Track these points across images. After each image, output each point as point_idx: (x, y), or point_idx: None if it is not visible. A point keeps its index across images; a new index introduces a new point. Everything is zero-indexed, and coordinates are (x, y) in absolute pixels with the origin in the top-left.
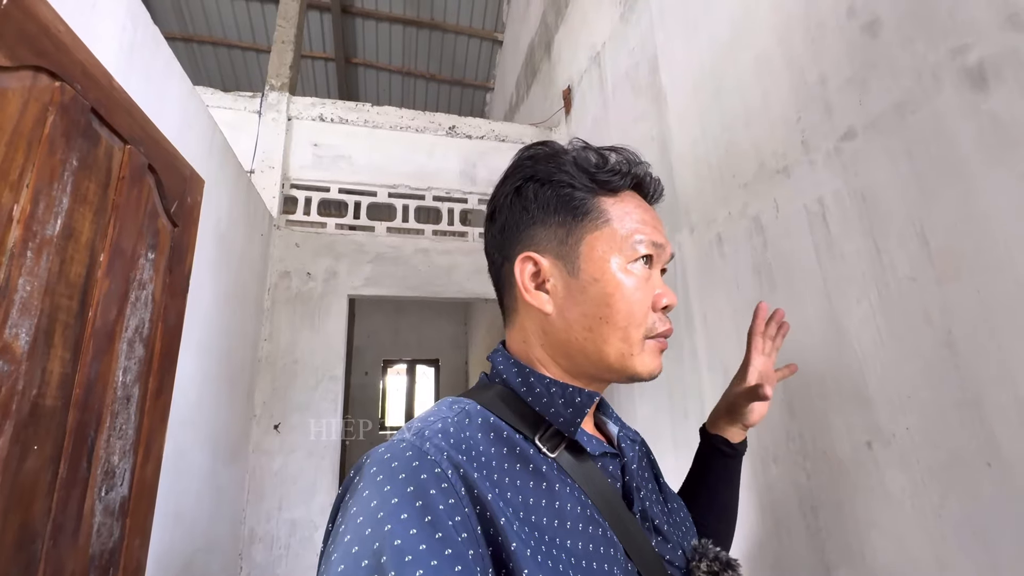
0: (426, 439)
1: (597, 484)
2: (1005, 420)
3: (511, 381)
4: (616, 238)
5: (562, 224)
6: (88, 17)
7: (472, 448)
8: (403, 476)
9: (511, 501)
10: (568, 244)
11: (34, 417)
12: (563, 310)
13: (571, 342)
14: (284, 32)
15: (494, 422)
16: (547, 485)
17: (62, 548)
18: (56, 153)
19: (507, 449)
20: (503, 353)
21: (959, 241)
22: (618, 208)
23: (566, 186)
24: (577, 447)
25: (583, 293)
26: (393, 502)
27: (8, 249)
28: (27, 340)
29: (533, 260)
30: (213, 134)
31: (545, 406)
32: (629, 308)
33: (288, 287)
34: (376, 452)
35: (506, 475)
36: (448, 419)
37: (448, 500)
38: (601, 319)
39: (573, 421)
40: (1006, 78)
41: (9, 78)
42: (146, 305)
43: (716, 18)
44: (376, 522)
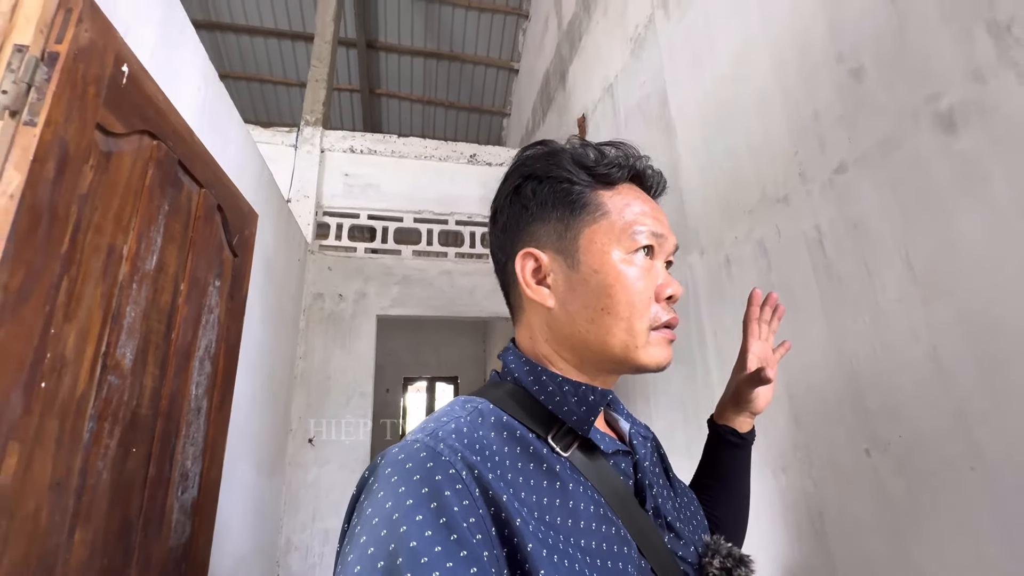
0: (440, 440)
1: (610, 482)
2: (986, 428)
3: (523, 379)
4: (615, 229)
5: (560, 219)
6: (175, 83)
7: (486, 448)
8: (417, 477)
9: (525, 501)
10: (567, 238)
11: (133, 424)
12: (565, 303)
13: (575, 335)
14: (317, 71)
15: (507, 421)
16: (560, 484)
17: (151, 540)
18: (153, 200)
19: (520, 448)
20: (514, 351)
21: (939, 265)
22: (616, 200)
23: (563, 181)
24: (590, 445)
25: (584, 285)
26: (408, 503)
27: (119, 282)
28: (131, 358)
29: (534, 256)
30: (262, 170)
31: (558, 404)
32: (630, 298)
33: (321, 308)
34: (390, 453)
35: (520, 475)
36: (461, 419)
37: (463, 501)
38: (603, 310)
39: (587, 419)
40: (972, 123)
41: (124, 142)
42: (213, 327)
43: (718, 58)
44: (391, 523)
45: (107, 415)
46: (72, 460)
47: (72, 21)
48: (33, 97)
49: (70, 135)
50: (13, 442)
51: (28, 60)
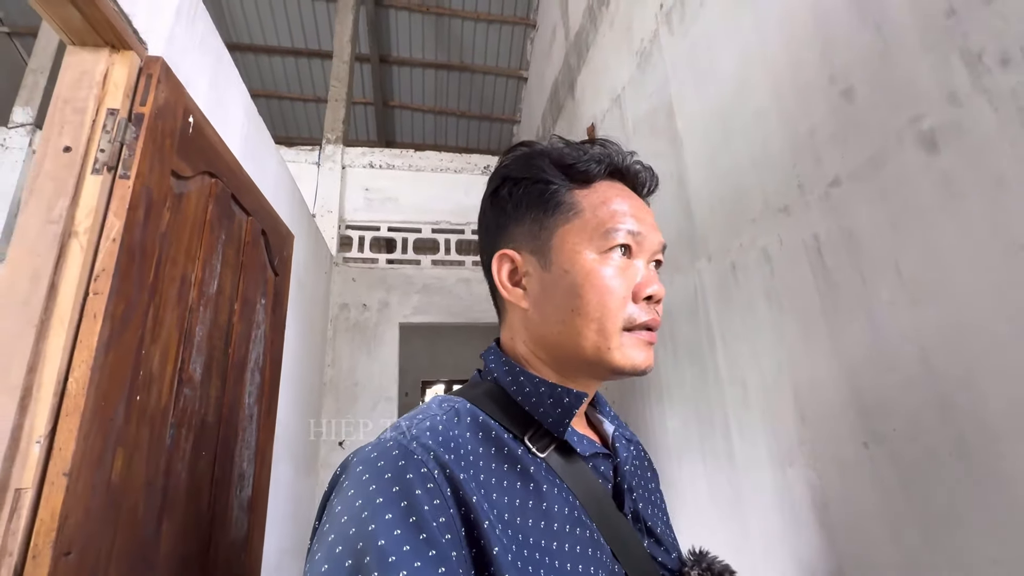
0: (413, 437)
1: (587, 485)
2: (970, 422)
3: (501, 379)
4: (587, 229)
5: (535, 220)
6: (224, 122)
7: (460, 447)
8: (389, 475)
9: (496, 503)
10: (541, 239)
11: (202, 430)
12: (539, 304)
13: (548, 336)
14: (336, 91)
15: (483, 421)
16: (535, 486)
17: (218, 532)
18: (214, 232)
19: (495, 449)
20: (495, 351)
21: (925, 272)
22: (591, 198)
23: (539, 181)
24: (567, 447)
25: (555, 286)
26: (378, 501)
27: (190, 306)
28: (200, 372)
29: (509, 257)
30: (294, 192)
31: (534, 406)
32: (600, 298)
33: (347, 318)
34: (363, 451)
35: (493, 476)
36: (437, 417)
37: (433, 501)
38: (573, 311)
39: (561, 422)
40: (951, 143)
41: (191, 183)
42: (260, 341)
43: (720, 74)
44: (360, 521)
45: (183, 423)
46: (159, 462)
47: (152, 85)
48: (125, 153)
49: (153, 183)
50: (119, 447)
51: (120, 122)
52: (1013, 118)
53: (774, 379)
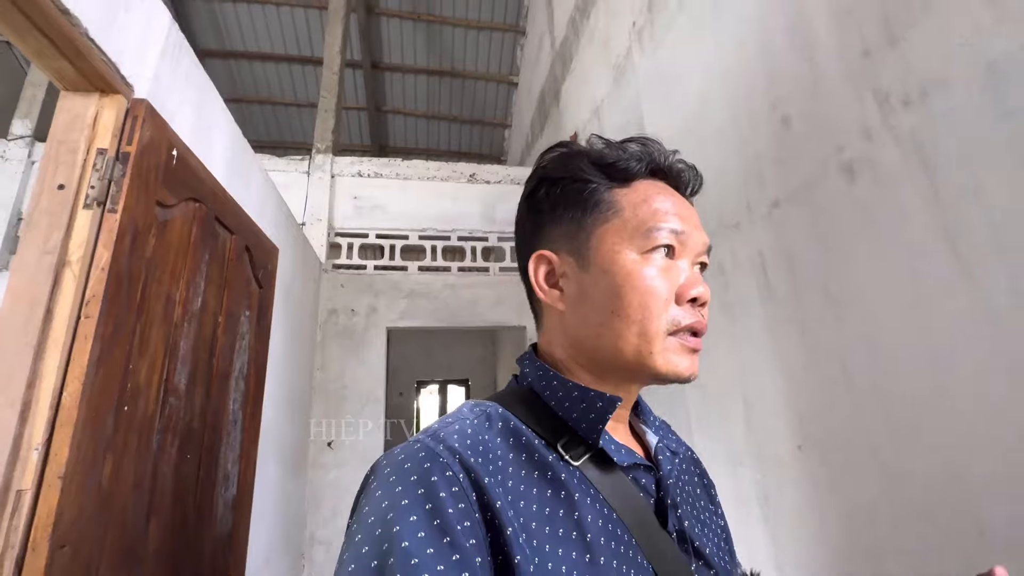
0: (440, 440)
1: (625, 497)
2: (881, 428)
3: (535, 384)
4: (628, 228)
5: (573, 220)
6: (209, 148)
7: (489, 452)
8: (415, 478)
9: (523, 510)
10: (580, 239)
11: (188, 435)
12: (576, 306)
13: (587, 339)
14: (326, 102)
15: (514, 426)
16: (566, 494)
17: (203, 529)
18: (198, 252)
19: (525, 456)
20: (530, 356)
21: (846, 291)
22: (631, 197)
23: (576, 181)
24: (604, 456)
25: (594, 287)
26: (403, 503)
27: (175, 322)
28: (185, 383)
29: (546, 258)
30: (280, 206)
31: (567, 411)
32: (642, 300)
33: (336, 323)
34: (391, 453)
35: (521, 483)
36: (467, 421)
37: (458, 504)
38: (612, 312)
39: (595, 427)
40: (865, 174)
41: (175, 210)
42: (245, 351)
43: (685, 93)
44: (386, 522)
45: (169, 429)
46: (146, 465)
47: (138, 126)
48: (113, 189)
49: (139, 214)
50: (109, 453)
51: (108, 160)
52: (912, 156)
53: (728, 385)
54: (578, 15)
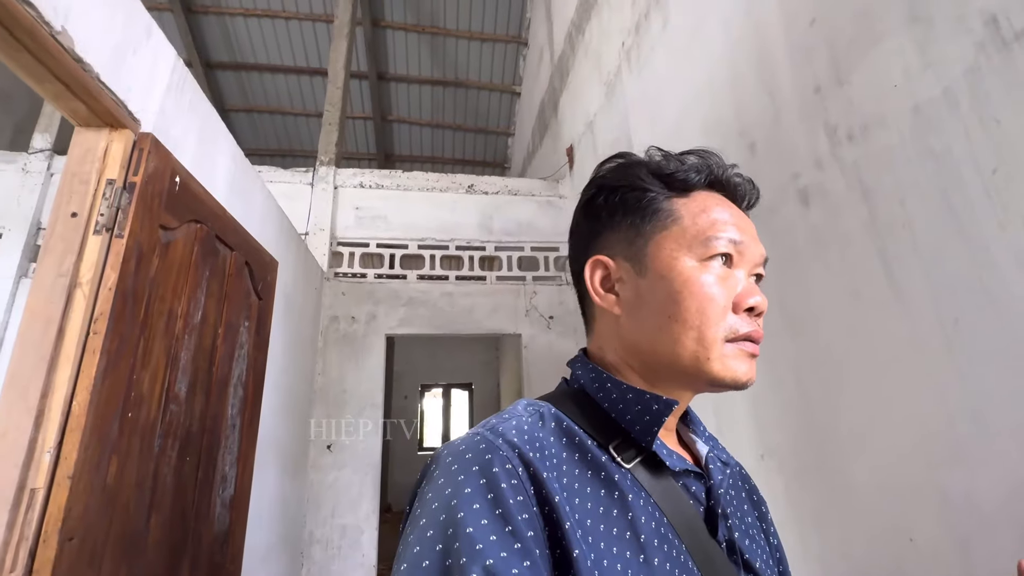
0: (499, 434)
1: (676, 502)
2: (830, 439)
3: (588, 386)
4: (687, 236)
5: (632, 226)
6: (212, 171)
7: (544, 448)
8: (476, 468)
9: (578, 507)
10: (637, 245)
11: (187, 439)
12: (633, 311)
13: (642, 343)
14: (330, 115)
15: (567, 426)
16: (619, 495)
17: (201, 527)
18: (199, 269)
19: (579, 455)
20: (582, 359)
21: (801, 309)
22: (690, 207)
23: (635, 189)
24: (655, 460)
25: (652, 292)
26: (466, 491)
27: (176, 335)
28: (185, 391)
29: (603, 263)
30: (282, 221)
31: (621, 412)
32: (700, 306)
33: (337, 329)
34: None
35: (576, 480)
36: (523, 418)
37: (517, 496)
38: (670, 317)
39: (650, 430)
40: (817, 201)
41: (178, 232)
42: (243, 360)
43: (665, 114)
44: (450, 508)
45: (169, 433)
46: (147, 467)
47: (144, 158)
48: (120, 216)
49: (143, 238)
50: (113, 455)
51: (116, 190)
52: (854, 186)
53: (700, 397)
54: (574, 31)
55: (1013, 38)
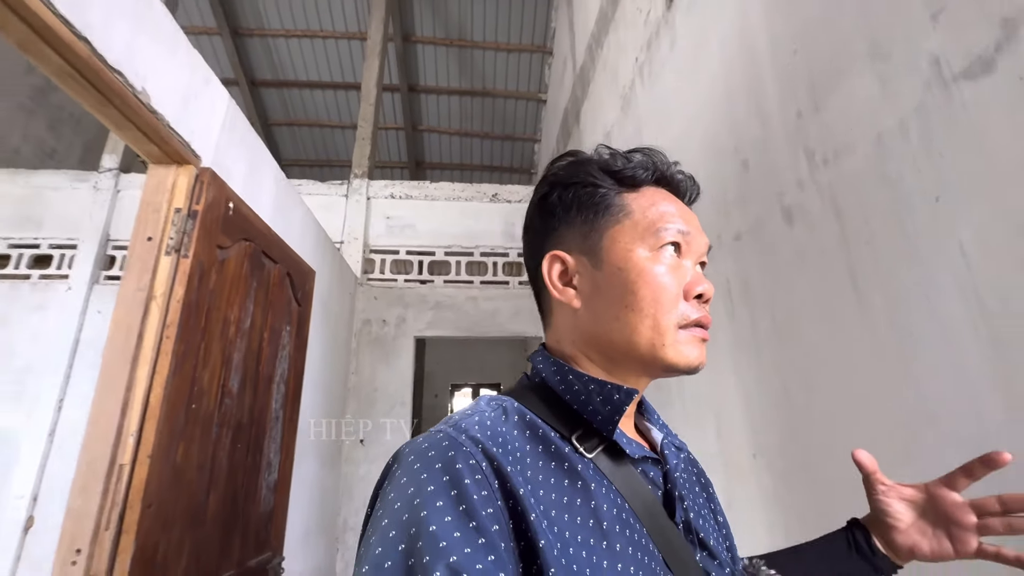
0: (462, 431)
1: (636, 488)
2: (813, 441)
3: (549, 379)
4: (638, 229)
5: (585, 221)
6: (258, 193)
7: (507, 443)
8: (439, 465)
9: (543, 499)
10: (592, 239)
11: (239, 430)
12: (591, 303)
13: (600, 335)
14: (363, 131)
15: (530, 419)
16: (582, 484)
17: (250, 506)
18: (248, 282)
19: (542, 447)
20: (542, 353)
21: (787, 318)
22: (640, 201)
23: (587, 185)
24: (616, 449)
25: (608, 284)
26: (429, 489)
27: (230, 338)
28: (237, 386)
29: (560, 258)
30: (318, 234)
31: (583, 403)
32: (654, 294)
33: (369, 332)
34: (415, 442)
35: (540, 472)
36: (486, 413)
37: (481, 491)
38: (627, 307)
39: (611, 419)
40: (799, 219)
41: (231, 250)
42: (285, 360)
43: (673, 128)
44: (412, 508)
45: (224, 423)
46: (207, 451)
47: (204, 189)
48: (185, 240)
49: (204, 257)
50: (181, 440)
51: (182, 217)
52: (829, 206)
53: (704, 398)
54: (594, 43)
55: (951, 79)
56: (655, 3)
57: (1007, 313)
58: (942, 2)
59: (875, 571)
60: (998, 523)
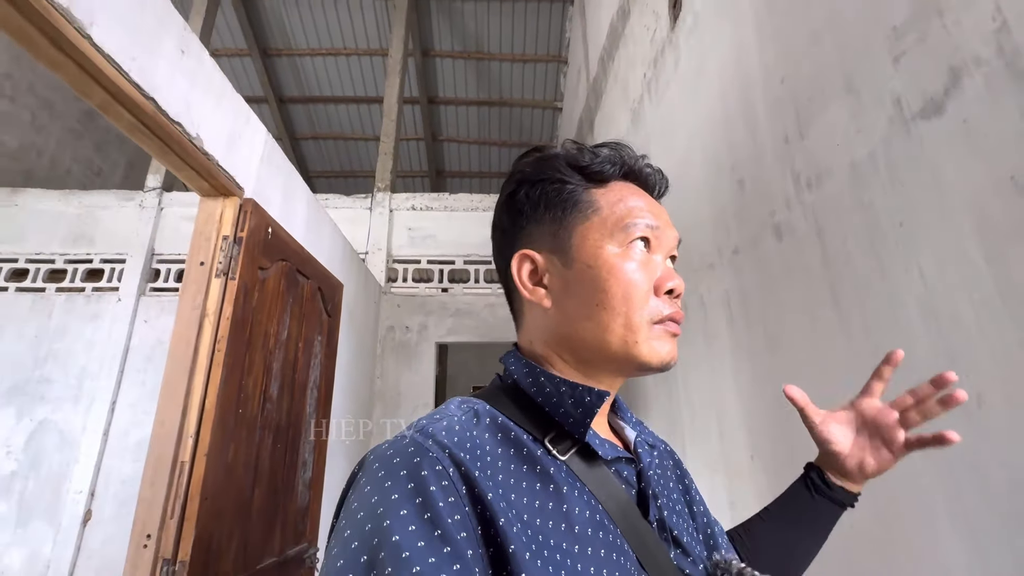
0: (429, 435)
1: (609, 489)
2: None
3: (521, 381)
4: (607, 225)
5: (554, 219)
6: (292, 216)
7: (477, 447)
8: (404, 472)
9: (514, 503)
10: (561, 237)
11: (278, 430)
12: (562, 302)
13: (572, 334)
14: (385, 146)
15: (502, 422)
16: (555, 487)
17: (288, 501)
18: (284, 297)
19: (514, 450)
20: (515, 354)
21: (777, 328)
22: (608, 197)
23: (555, 182)
24: (589, 450)
25: (578, 282)
26: (393, 498)
27: (269, 349)
28: (276, 392)
29: (529, 258)
30: (345, 248)
31: (554, 406)
32: (625, 291)
33: (393, 338)
34: (379, 448)
35: (511, 476)
36: (455, 417)
37: (448, 498)
38: (598, 305)
39: (583, 421)
40: (787, 236)
41: (270, 270)
42: (317, 367)
43: (677, 145)
44: (375, 517)
45: (266, 426)
46: (252, 451)
47: (247, 217)
48: (232, 263)
49: (248, 278)
50: (231, 441)
51: (229, 244)
52: (812, 226)
53: (707, 402)
54: (606, 56)
55: (911, 118)
56: (660, 23)
57: (959, 329)
58: (902, 47)
59: (836, 505)
60: (915, 413)
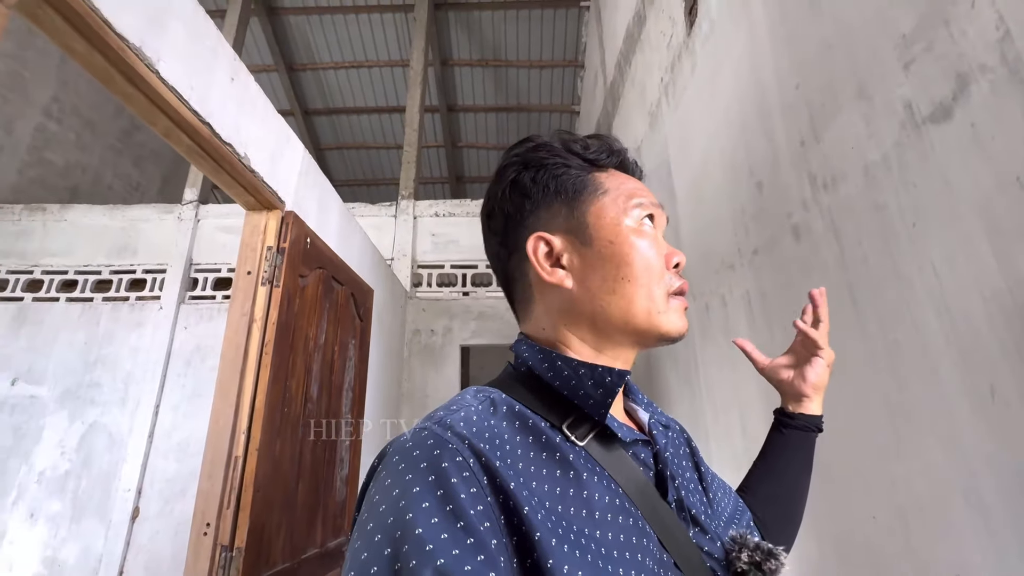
0: (447, 427)
1: (628, 472)
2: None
3: (537, 367)
4: (619, 203)
5: (564, 202)
6: (326, 226)
7: (496, 436)
8: (424, 465)
9: (536, 491)
10: (575, 218)
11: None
12: (583, 280)
13: (596, 311)
14: (408, 155)
15: (519, 410)
16: (575, 474)
17: (327, 496)
18: (322, 304)
19: (533, 438)
20: (526, 341)
21: None
22: (612, 180)
23: (561, 167)
24: (607, 433)
25: (600, 258)
26: (415, 491)
27: (309, 352)
28: (316, 392)
29: (544, 240)
30: (374, 255)
31: (574, 389)
32: (647, 264)
33: (419, 341)
34: (399, 441)
35: (531, 464)
36: (472, 407)
37: (470, 489)
38: (623, 279)
39: (603, 402)
40: (805, 237)
41: (309, 278)
42: (351, 369)
43: (694, 149)
44: (398, 510)
45: (307, 423)
46: (295, 447)
47: (289, 229)
48: (276, 272)
49: (290, 286)
50: (278, 438)
51: (272, 254)
52: (829, 227)
53: (729, 399)
54: (623, 60)
55: (921, 122)
56: (677, 29)
57: (971, 324)
58: (911, 54)
59: (804, 431)
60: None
